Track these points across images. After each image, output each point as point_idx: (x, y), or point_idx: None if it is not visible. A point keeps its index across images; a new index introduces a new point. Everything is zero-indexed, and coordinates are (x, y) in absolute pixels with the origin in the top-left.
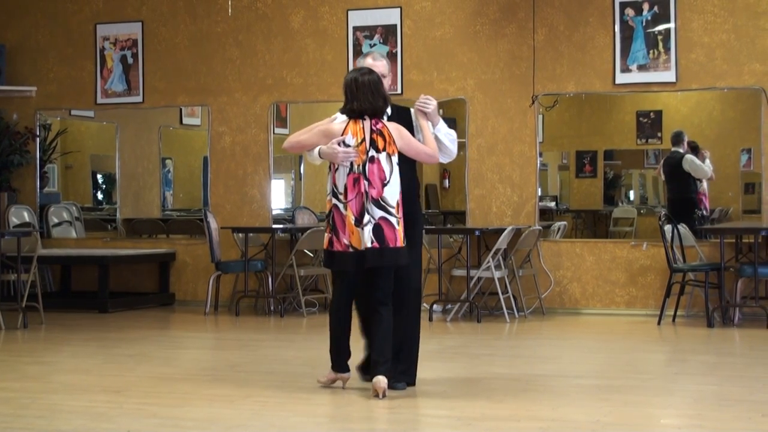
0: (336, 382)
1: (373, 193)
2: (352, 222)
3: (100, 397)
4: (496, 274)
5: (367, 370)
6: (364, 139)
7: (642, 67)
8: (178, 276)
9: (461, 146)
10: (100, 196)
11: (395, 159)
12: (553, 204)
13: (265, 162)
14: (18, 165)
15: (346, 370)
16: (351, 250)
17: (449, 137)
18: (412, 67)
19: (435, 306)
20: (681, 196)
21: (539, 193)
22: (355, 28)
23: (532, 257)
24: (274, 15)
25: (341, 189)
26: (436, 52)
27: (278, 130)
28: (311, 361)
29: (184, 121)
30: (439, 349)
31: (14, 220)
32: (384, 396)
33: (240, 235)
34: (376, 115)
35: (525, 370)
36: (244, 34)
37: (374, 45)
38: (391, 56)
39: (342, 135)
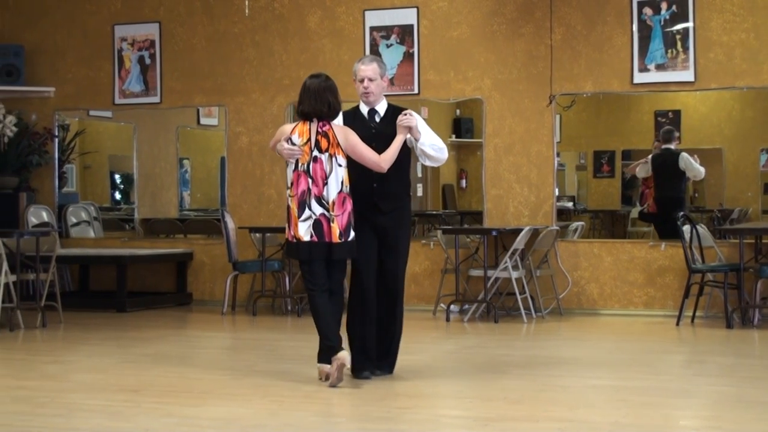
0: (342, 368)
1: (315, 190)
2: (296, 215)
3: (117, 396)
4: (514, 275)
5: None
6: (309, 140)
7: (660, 67)
8: (196, 276)
9: (478, 146)
10: (118, 196)
11: (338, 160)
12: (570, 204)
13: (282, 162)
14: (37, 165)
15: (341, 348)
16: (295, 241)
17: (434, 147)
18: (429, 67)
19: (452, 306)
20: (672, 194)
21: (557, 193)
22: (372, 28)
23: (550, 257)
24: (290, 15)
25: (290, 184)
26: (453, 52)
27: None
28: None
29: (201, 122)
30: (456, 349)
31: (33, 220)
32: (327, 380)
33: (257, 234)
34: (322, 118)
35: (542, 371)
36: (261, 35)
37: (391, 45)
38: (408, 56)
39: (290, 134)
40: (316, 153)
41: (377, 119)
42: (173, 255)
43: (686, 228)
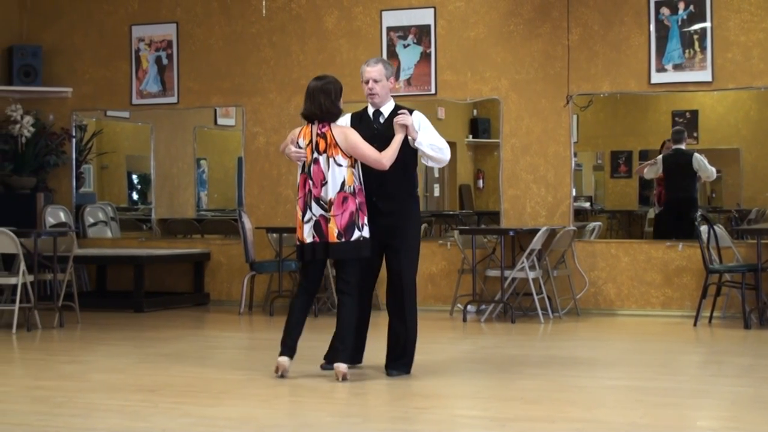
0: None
1: (315, 191)
2: (300, 218)
3: (134, 396)
4: (531, 275)
5: (330, 358)
6: (310, 142)
7: (678, 67)
8: (213, 276)
9: (495, 146)
10: (135, 196)
11: (337, 160)
12: (587, 204)
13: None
14: (54, 165)
15: (285, 354)
16: (298, 243)
17: (433, 147)
18: (446, 68)
19: (469, 306)
20: (684, 195)
21: (574, 194)
22: (389, 29)
23: (567, 258)
24: (308, 16)
25: (297, 187)
26: (470, 52)
27: None
28: None
29: (218, 122)
30: (473, 349)
31: (50, 220)
32: (345, 379)
33: (274, 235)
34: (319, 119)
35: (559, 371)
36: (278, 35)
37: (408, 45)
38: (425, 56)
39: (297, 137)
40: (315, 155)
41: (381, 120)
42: (190, 255)
43: (704, 228)
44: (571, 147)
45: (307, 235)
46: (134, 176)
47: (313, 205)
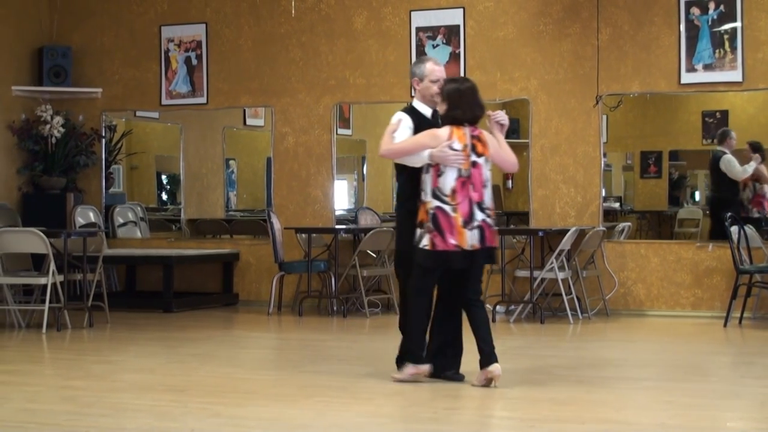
0: (415, 376)
1: (476, 196)
2: (460, 224)
3: (164, 396)
4: (560, 275)
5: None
6: (467, 145)
7: (708, 67)
8: (242, 276)
9: (524, 147)
10: (164, 196)
11: (489, 164)
12: (617, 205)
13: (328, 163)
14: (84, 166)
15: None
16: (458, 249)
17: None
18: (475, 68)
19: (498, 307)
20: (719, 195)
21: (603, 194)
22: (418, 29)
23: (596, 258)
24: (337, 16)
25: (448, 192)
26: (500, 52)
27: (341, 131)
28: (374, 362)
29: (247, 122)
30: (502, 350)
31: (80, 221)
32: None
33: (303, 235)
34: (474, 122)
35: (589, 372)
36: (308, 35)
37: (437, 46)
38: (454, 57)
39: (448, 140)
40: (474, 158)
41: (438, 121)
42: (219, 255)
43: (734, 229)
44: (601, 147)
45: (474, 240)
46: (163, 176)
47: (477, 210)
